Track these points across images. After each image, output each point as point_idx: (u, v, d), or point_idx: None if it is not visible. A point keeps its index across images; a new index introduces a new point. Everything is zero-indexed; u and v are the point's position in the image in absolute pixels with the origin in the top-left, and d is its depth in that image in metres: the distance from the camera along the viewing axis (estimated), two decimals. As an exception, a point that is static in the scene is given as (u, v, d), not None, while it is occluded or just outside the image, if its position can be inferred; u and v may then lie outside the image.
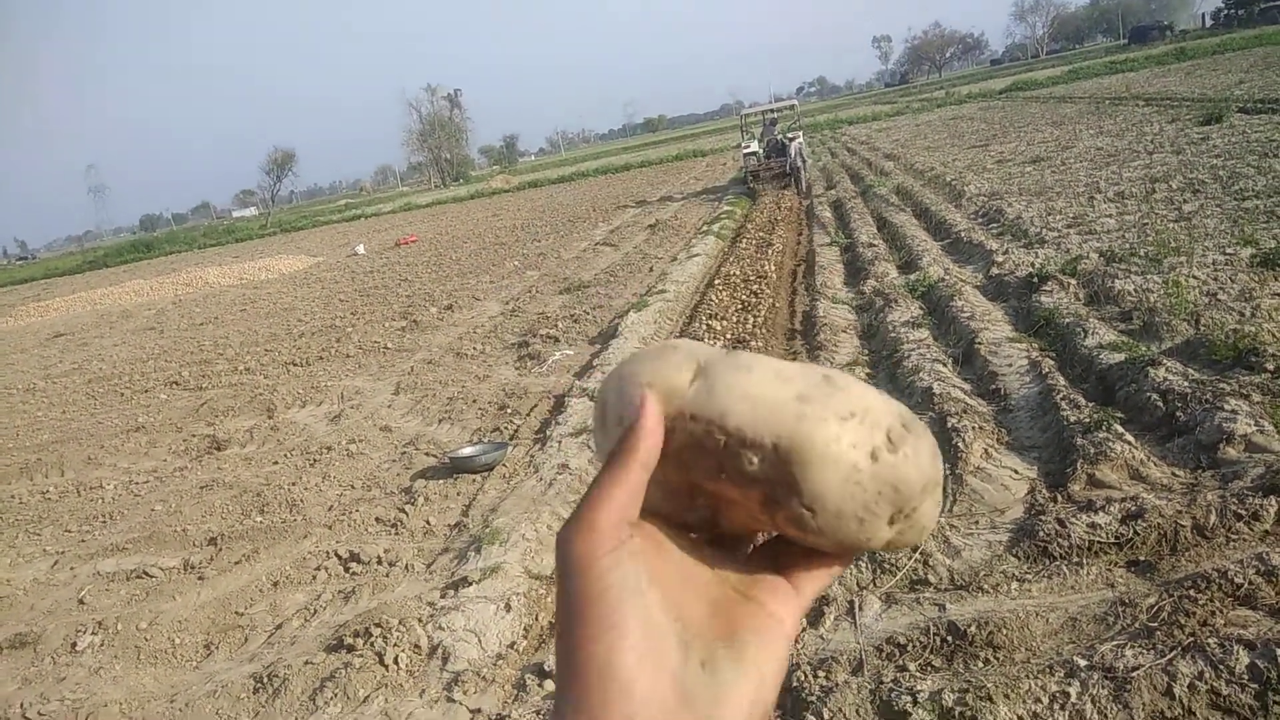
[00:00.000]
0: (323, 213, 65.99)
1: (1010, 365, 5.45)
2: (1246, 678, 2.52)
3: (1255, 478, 3.53)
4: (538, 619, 3.85)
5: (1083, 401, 4.61)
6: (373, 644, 3.67)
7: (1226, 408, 4.08)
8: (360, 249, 24.80)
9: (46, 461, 7.72)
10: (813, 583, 0.45)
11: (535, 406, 6.69)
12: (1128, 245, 7.47)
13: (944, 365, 5.73)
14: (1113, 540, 3.41)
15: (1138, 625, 2.87)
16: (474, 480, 5.49)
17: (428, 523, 5.00)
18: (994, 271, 7.87)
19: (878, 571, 3.59)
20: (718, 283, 9.93)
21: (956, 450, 4.34)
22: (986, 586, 3.34)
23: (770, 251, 11.47)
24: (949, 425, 4.58)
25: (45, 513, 6.47)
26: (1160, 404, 4.36)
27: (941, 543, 3.67)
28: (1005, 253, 8.35)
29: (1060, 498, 3.84)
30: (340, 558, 4.71)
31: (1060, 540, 3.46)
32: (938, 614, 3.24)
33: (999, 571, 3.42)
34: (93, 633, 4.33)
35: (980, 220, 10.58)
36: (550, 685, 3.31)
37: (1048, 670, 2.71)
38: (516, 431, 6.24)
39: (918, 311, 7.12)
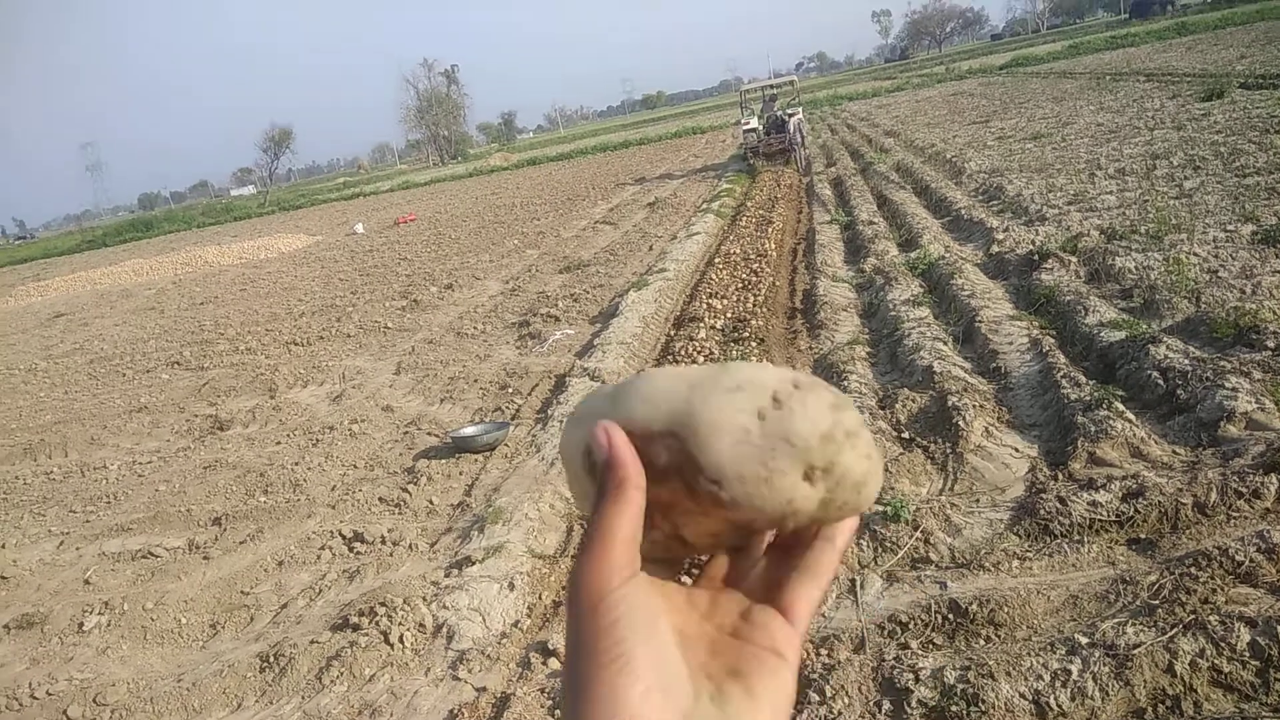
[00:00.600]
0: (321, 191, 65.68)
1: (1011, 343, 5.45)
2: (1248, 655, 2.54)
3: (1256, 455, 3.55)
4: (541, 598, 3.88)
5: (1083, 379, 4.62)
6: (378, 623, 3.70)
7: (1227, 385, 4.09)
8: (359, 228, 24.74)
9: (50, 442, 7.74)
10: (804, 602, 0.45)
11: (536, 386, 6.70)
12: (1128, 222, 7.44)
13: (944, 343, 5.73)
14: (1114, 518, 3.42)
15: (1139, 603, 2.89)
16: (476, 460, 5.51)
17: (431, 502, 5.02)
18: (994, 249, 7.86)
19: (879, 550, 3.62)
20: (718, 261, 9.91)
21: (957, 429, 4.36)
22: (988, 564, 3.36)
23: (770, 229, 11.44)
24: (949, 404, 4.59)
25: (50, 493, 6.49)
26: (1161, 382, 4.37)
27: (942, 521, 3.69)
28: (1006, 230, 8.32)
29: (1061, 476, 3.85)
30: (344, 537, 4.73)
31: (1061, 518, 3.48)
32: (939, 592, 3.26)
33: (1000, 550, 3.44)
34: (99, 613, 4.36)
35: (981, 197, 10.55)
36: (554, 664, 3.34)
37: (1049, 648, 2.73)
38: (518, 411, 6.25)
39: (918, 290, 7.12)
